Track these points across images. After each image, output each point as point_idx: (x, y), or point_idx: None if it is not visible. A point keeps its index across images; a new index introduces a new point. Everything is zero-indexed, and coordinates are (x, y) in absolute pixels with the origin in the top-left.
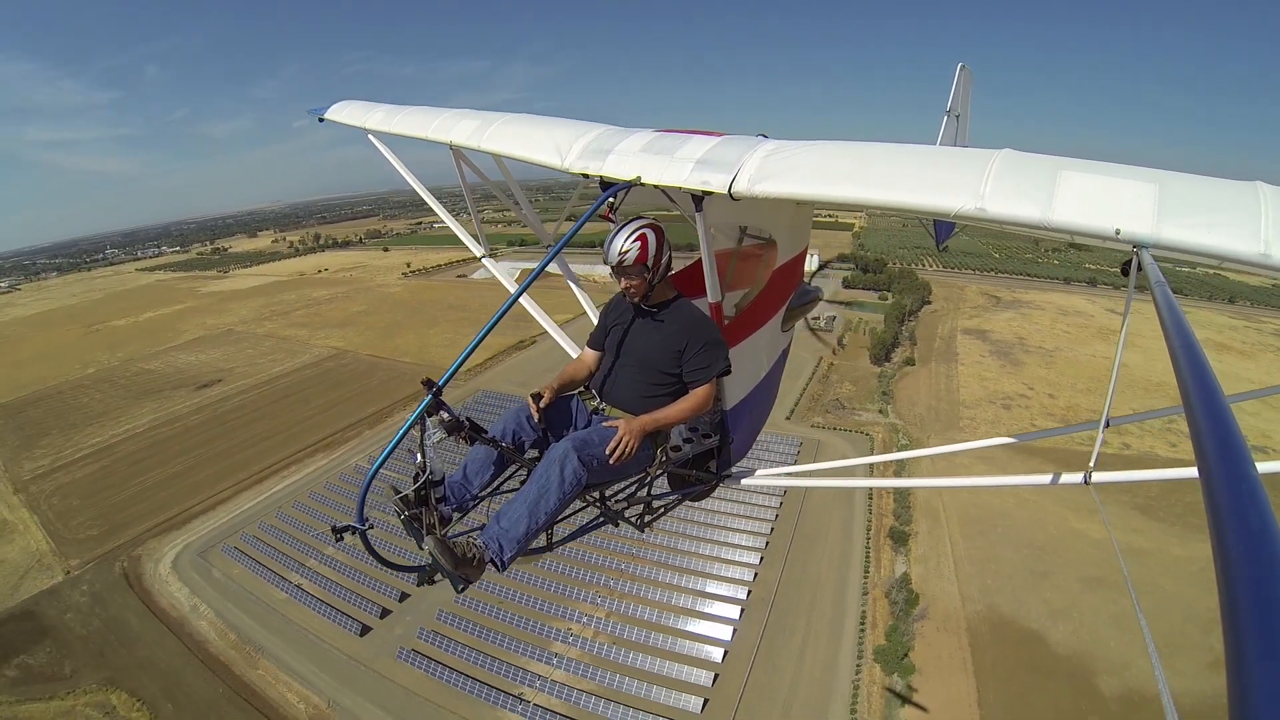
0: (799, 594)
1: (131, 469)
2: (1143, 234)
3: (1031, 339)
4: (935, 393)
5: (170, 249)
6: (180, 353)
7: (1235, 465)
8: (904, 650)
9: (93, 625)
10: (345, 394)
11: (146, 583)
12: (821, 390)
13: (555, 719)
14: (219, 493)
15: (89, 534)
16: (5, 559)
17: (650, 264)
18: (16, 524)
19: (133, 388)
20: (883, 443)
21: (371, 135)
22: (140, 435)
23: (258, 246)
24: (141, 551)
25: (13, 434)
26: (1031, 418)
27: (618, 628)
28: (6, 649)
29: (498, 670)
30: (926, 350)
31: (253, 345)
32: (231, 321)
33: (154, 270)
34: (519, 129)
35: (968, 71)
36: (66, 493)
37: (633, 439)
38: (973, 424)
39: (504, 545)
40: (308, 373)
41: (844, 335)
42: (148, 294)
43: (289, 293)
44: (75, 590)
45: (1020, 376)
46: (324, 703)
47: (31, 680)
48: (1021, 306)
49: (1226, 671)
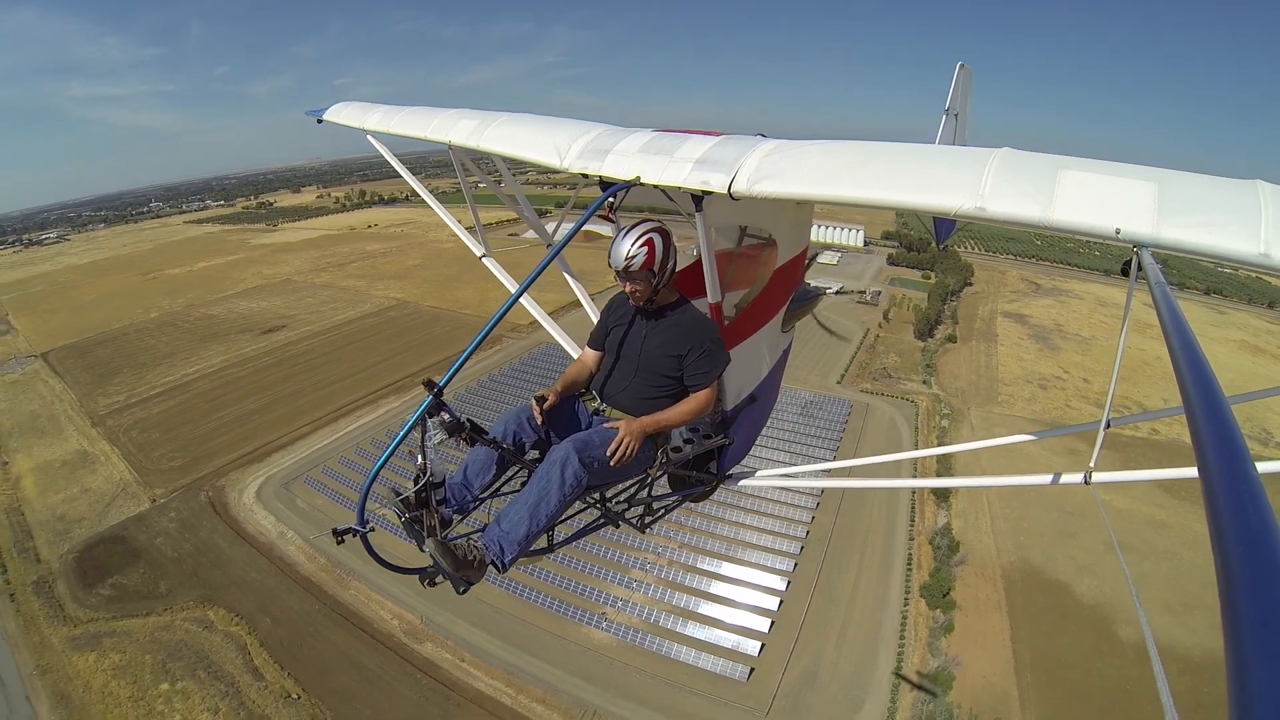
0: (851, 537)
1: (208, 406)
2: (1143, 233)
3: (1069, 326)
4: (975, 369)
5: (215, 203)
6: (241, 300)
7: (1235, 465)
8: (946, 588)
9: (183, 549)
10: (411, 341)
11: (233, 511)
12: (869, 359)
13: (635, 635)
14: (296, 429)
15: (171, 465)
16: (90, 487)
17: (656, 269)
18: (98, 455)
19: (197, 331)
20: (926, 411)
21: (370, 135)
22: (212, 375)
23: (302, 201)
24: (225, 482)
25: (84, 372)
26: (1066, 399)
27: (690, 557)
28: (100, 569)
29: (580, 593)
30: (968, 329)
31: (312, 294)
32: (288, 272)
33: (202, 223)
34: (518, 129)
35: (967, 70)
36: (145, 426)
37: (633, 440)
38: (1010, 400)
39: (505, 547)
40: (370, 321)
41: (889, 310)
42: (198, 245)
43: (341, 246)
44: (163, 517)
45: (1057, 360)
46: (418, 619)
47: (126, 598)
48: (1061, 294)
49: (1227, 671)
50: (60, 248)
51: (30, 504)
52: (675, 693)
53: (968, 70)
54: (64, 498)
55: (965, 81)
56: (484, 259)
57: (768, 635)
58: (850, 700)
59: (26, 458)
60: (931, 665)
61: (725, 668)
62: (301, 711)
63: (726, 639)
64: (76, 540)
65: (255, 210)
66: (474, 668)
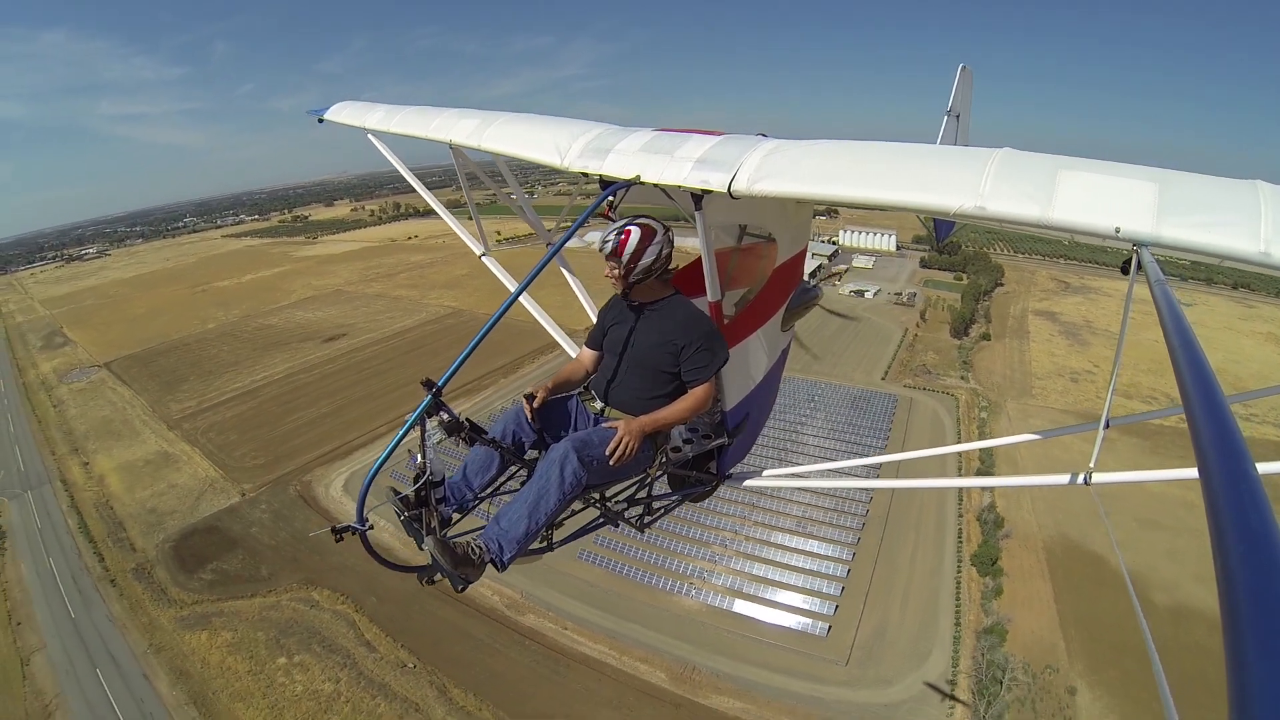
0: (907, 512)
1: (281, 409)
2: (1143, 233)
3: (1098, 322)
4: (1010, 364)
5: (249, 217)
6: (296, 310)
7: (1235, 465)
8: (994, 558)
9: (280, 537)
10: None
11: (323, 503)
12: (909, 357)
13: (722, 599)
14: (374, 429)
15: (255, 463)
16: (177, 483)
17: (625, 259)
18: (179, 455)
19: (258, 341)
20: (966, 404)
21: (371, 135)
22: (280, 381)
23: (337, 215)
24: (310, 478)
25: (150, 380)
26: (1096, 391)
27: (764, 533)
28: (198, 557)
29: (667, 566)
30: (1000, 327)
31: (365, 304)
32: (337, 283)
33: (240, 236)
34: (519, 128)
35: (968, 72)
36: (222, 429)
37: (632, 440)
38: (1044, 393)
39: (504, 546)
40: (429, 328)
41: (925, 310)
42: (241, 258)
43: (386, 257)
44: (255, 509)
45: (1087, 355)
46: (518, 594)
47: (229, 582)
48: (1089, 292)
49: (1227, 671)
50: (102, 263)
51: (119, 499)
52: (764, 648)
53: (969, 72)
54: (152, 493)
55: (966, 83)
56: (484, 258)
57: (840, 598)
58: (918, 652)
59: (107, 458)
60: (985, 623)
61: (806, 625)
62: (419, 678)
63: (804, 601)
64: (171, 531)
65: (291, 224)
66: (577, 634)
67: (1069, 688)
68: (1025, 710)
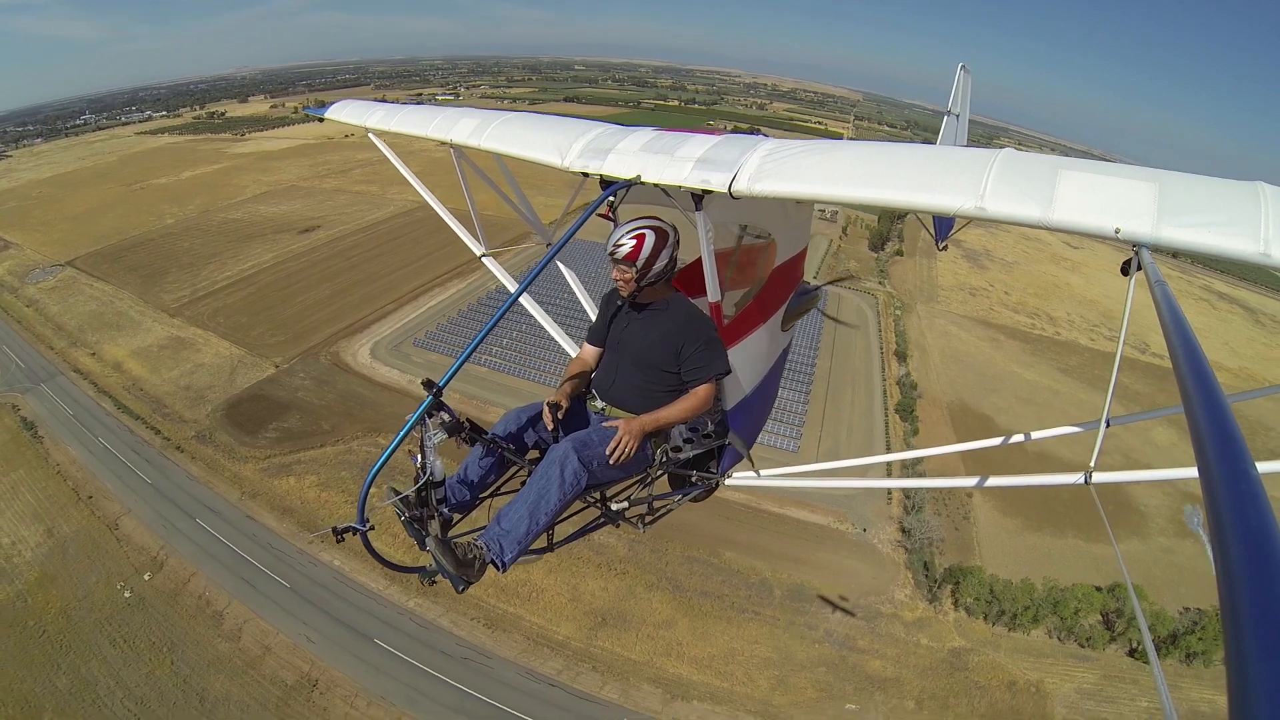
0: (843, 375)
1: (283, 293)
2: (1143, 233)
3: (997, 251)
4: (920, 277)
5: (157, 114)
6: (257, 205)
7: (1235, 465)
8: (911, 408)
9: (328, 398)
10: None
11: (356, 369)
12: (835, 263)
13: None
14: (382, 307)
15: (276, 340)
16: (204, 363)
17: (640, 264)
18: (194, 339)
19: (230, 234)
20: (884, 304)
21: (372, 134)
22: (270, 269)
23: (256, 111)
24: (337, 348)
25: (128, 274)
26: (990, 305)
27: None
28: (256, 420)
29: None
30: (911, 246)
31: (328, 199)
32: (290, 179)
33: (156, 134)
34: (519, 128)
35: (968, 72)
36: (229, 313)
37: (632, 439)
38: (947, 301)
39: (505, 546)
40: (401, 220)
41: (846, 227)
42: (168, 155)
43: (331, 154)
44: (293, 378)
45: (984, 276)
46: None
47: (295, 437)
48: (991, 226)
49: (1226, 671)
50: (6, 164)
51: (147, 381)
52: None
53: (968, 72)
54: (180, 373)
55: (966, 83)
56: (484, 258)
57: (804, 428)
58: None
59: (114, 347)
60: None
61: (781, 443)
62: None
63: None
64: (216, 402)
65: (209, 120)
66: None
67: (966, 491)
68: (939, 504)
